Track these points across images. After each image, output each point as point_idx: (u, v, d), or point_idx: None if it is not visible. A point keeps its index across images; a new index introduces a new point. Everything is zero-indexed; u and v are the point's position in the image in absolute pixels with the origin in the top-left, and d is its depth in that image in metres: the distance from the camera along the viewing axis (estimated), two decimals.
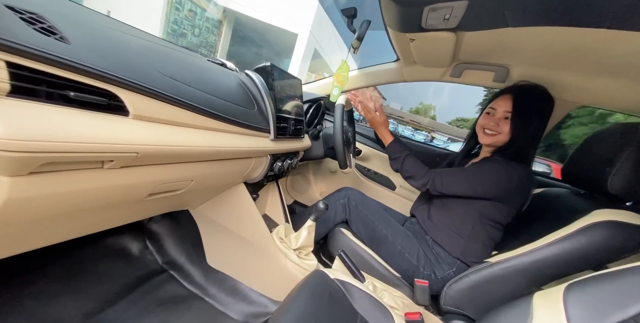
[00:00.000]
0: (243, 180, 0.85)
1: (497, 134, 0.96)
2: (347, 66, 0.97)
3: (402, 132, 32.29)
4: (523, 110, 0.91)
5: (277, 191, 1.12)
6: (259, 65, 0.84)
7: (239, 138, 0.69)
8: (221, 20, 10.29)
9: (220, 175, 0.70)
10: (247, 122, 0.70)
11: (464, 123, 58.59)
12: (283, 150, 0.89)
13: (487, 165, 0.91)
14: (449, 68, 1.26)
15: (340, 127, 1.04)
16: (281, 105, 0.89)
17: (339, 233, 1.05)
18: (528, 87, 0.95)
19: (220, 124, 0.62)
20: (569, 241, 0.71)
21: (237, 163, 0.72)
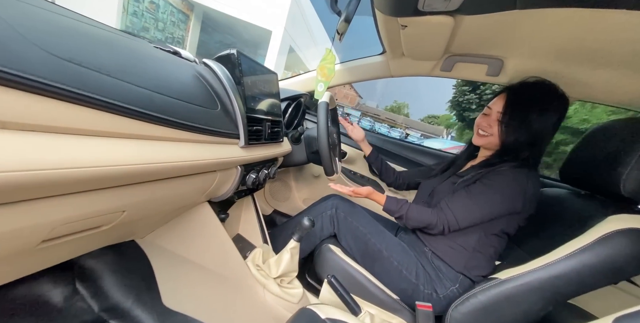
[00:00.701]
0: (207, 199, 0.67)
1: (489, 135, 0.87)
2: (333, 56, 0.82)
3: (378, 129, 33.07)
4: (514, 111, 0.81)
5: (252, 205, 0.95)
6: (222, 53, 0.66)
7: (195, 148, 0.51)
8: (188, 14, 9.68)
9: (170, 198, 0.52)
10: (206, 126, 0.53)
11: (435, 120, 61.33)
12: (257, 159, 0.73)
13: (495, 181, 0.79)
14: (440, 61, 1.16)
15: (325, 128, 0.89)
16: (253, 103, 0.72)
17: (327, 251, 0.91)
18: (527, 85, 0.84)
19: (165, 130, 0.44)
20: (589, 254, 0.63)
21: (194, 181, 0.55)
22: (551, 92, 0.81)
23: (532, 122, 0.79)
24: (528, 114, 0.79)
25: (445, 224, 0.80)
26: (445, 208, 0.81)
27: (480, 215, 0.78)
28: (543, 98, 0.80)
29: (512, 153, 0.83)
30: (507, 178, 0.78)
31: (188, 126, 0.48)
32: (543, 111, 0.79)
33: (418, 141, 11.86)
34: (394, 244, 0.93)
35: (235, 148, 0.64)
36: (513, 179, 0.77)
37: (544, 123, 0.79)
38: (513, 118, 0.81)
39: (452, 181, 0.91)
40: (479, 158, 0.97)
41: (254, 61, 0.76)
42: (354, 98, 58.26)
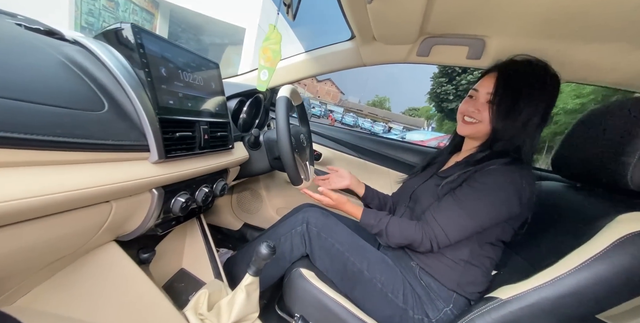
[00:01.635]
0: (111, 237, 0.48)
1: (477, 122, 0.74)
2: (279, 36, 0.64)
3: (362, 124, 33.41)
4: (507, 90, 0.69)
5: (198, 230, 0.76)
6: (109, 27, 0.46)
7: (64, 173, 0.33)
8: (153, 13, 9.08)
9: (28, 251, 0.34)
10: (79, 138, 0.34)
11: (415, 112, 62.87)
12: (186, 176, 0.54)
13: (486, 184, 0.66)
14: (416, 45, 1.01)
15: (286, 129, 0.72)
16: (174, 101, 0.53)
17: (297, 277, 0.75)
18: (519, 63, 0.72)
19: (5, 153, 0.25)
20: (604, 264, 0.50)
21: (71, 219, 0.36)
22: (543, 71, 0.70)
23: (525, 104, 0.68)
24: (521, 95, 0.68)
25: (433, 240, 0.66)
26: (432, 221, 0.67)
27: (473, 226, 0.65)
28: (536, 77, 0.69)
29: (502, 142, 0.71)
30: (499, 179, 0.65)
31: (31, 142, 0.29)
32: (536, 92, 0.68)
33: (401, 134, 11.95)
34: (377, 261, 0.78)
35: (143, 165, 0.45)
36: (505, 180, 0.65)
37: (537, 105, 0.68)
38: (505, 99, 0.69)
39: (435, 183, 0.77)
40: (464, 152, 0.84)
41: (175, 44, 0.57)
42: (336, 94, 58.31)
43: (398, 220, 0.72)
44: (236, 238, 1.32)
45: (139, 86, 0.46)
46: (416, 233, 0.67)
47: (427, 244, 0.66)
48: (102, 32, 0.47)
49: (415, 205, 0.80)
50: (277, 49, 0.67)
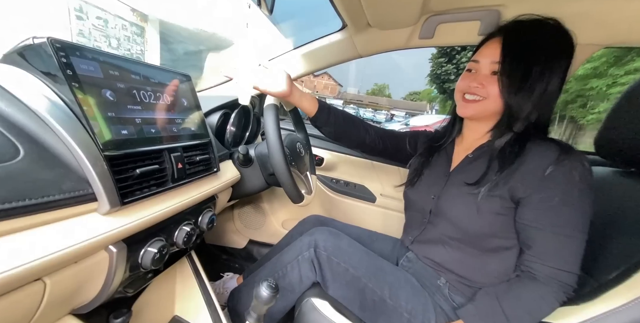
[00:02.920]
0: (64, 313, 0.38)
1: (481, 99, 0.61)
2: None
3: (363, 115, 33.04)
4: (517, 57, 0.56)
5: (189, 268, 0.66)
6: (18, 45, 0.35)
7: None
8: (143, 26, 9.03)
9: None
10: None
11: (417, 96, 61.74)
12: (154, 219, 0.44)
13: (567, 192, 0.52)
14: (417, 26, 0.87)
15: (277, 142, 0.61)
16: (128, 129, 0.42)
17: (310, 310, 0.65)
18: (527, 23, 0.59)
19: None
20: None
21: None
22: (555, 31, 0.57)
23: (540, 71, 0.55)
24: (534, 61, 0.55)
25: (566, 288, 0.51)
26: (545, 269, 0.52)
27: (583, 244, 0.52)
28: (548, 38, 0.57)
29: (520, 121, 0.58)
30: (574, 180, 0.52)
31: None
32: (551, 56, 0.56)
33: (404, 121, 11.62)
34: (400, 284, 0.67)
35: (90, 219, 0.35)
36: (580, 179, 0.52)
37: (553, 71, 0.56)
38: (516, 67, 0.56)
39: (464, 191, 0.62)
40: (471, 140, 0.70)
41: (121, 57, 0.45)
42: (335, 88, 57.69)
43: (513, 300, 0.54)
44: (242, 257, 1.23)
45: (70, 118, 0.35)
46: (548, 301, 0.51)
47: (563, 297, 0.51)
48: (12, 51, 0.36)
49: (441, 221, 0.67)
50: None
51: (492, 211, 0.58)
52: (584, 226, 0.52)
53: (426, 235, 0.72)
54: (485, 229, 0.60)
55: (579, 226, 0.51)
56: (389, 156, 0.88)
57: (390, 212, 1.15)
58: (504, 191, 0.56)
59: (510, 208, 0.57)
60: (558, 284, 0.51)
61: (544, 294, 0.51)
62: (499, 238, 0.60)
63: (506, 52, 0.56)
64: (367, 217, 1.17)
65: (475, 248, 0.62)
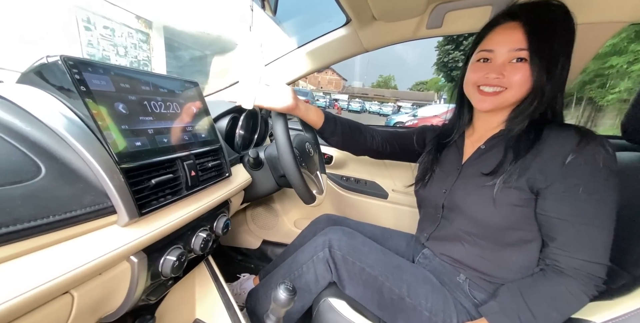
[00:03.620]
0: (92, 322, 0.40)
1: (502, 90, 0.57)
2: None
3: (369, 108, 32.61)
4: (542, 42, 0.53)
5: (206, 273, 0.67)
6: (34, 64, 0.36)
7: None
8: (147, 32, 9.17)
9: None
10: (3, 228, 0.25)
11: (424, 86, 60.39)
12: (172, 228, 0.44)
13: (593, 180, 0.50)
14: (425, 16, 0.84)
15: (287, 144, 0.61)
16: (141, 141, 0.43)
17: (328, 311, 0.65)
18: (541, 5, 0.56)
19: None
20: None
21: None
22: (564, 12, 0.55)
23: (561, 54, 0.54)
24: (557, 43, 0.54)
25: (595, 281, 0.48)
26: (573, 262, 0.50)
27: (611, 233, 0.49)
28: (561, 20, 0.55)
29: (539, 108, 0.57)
30: (598, 167, 0.49)
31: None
32: (565, 37, 0.55)
33: (412, 112, 11.38)
34: (418, 283, 0.66)
35: (111, 232, 0.36)
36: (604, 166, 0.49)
37: (569, 52, 0.55)
38: (544, 51, 0.53)
39: (478, 184, 0.60)
40: (483, 131, 0.67)
41: (133, 70, 0.46)
42: (339, 82, 57.19)
43: (535, 295, 0.52)
44: (257, 257, 1.24)
45: (86, 134, 0.36)
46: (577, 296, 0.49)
47: (594, 290, 0.49)
48: (28, 71, 0.37)
49: (455, 216, 0.65)
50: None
51: (509, 203, 0.56)
52: (611, 215, 0.49)
53: (441, 231, 0.70)
54: (503, 222, 0.57)
55: (606, 215, 0.49)
56: (397, 158, 0.87)
57: (403, 208, 1.13)
58: (522, 182, 0.54)
59: (529, 199, 0.55)
60: (587, 277, 0.48)
61: (572, 288, 0.49)
62: (518, 231, 0.57)
63: (531, 39, 0.53)
64: (380, 214, 1.16)
65: (494, 242, 0.60)
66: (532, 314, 0.51)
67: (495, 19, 0.59)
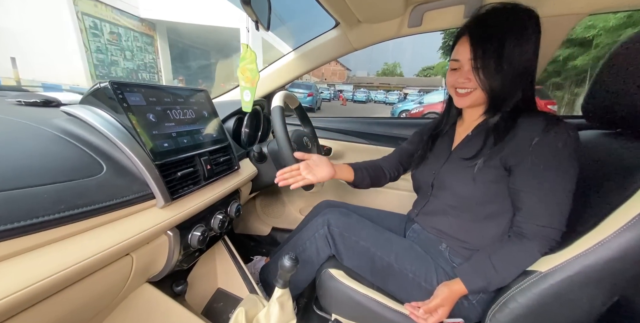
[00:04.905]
0: (142, 281, 0.53)
1: (472, 90, 0.67)
2: (253, 54, 0.62)
3: (375, 97, 31.97)
4: (485, 50, 0.62)
5: (225, 251, 0.80)
6: (92, 88, 0.48)
7: (82, 241, 0.36)
8: (152, 35, 9.36)
9: (74, 312, 0.39)
10: (75, 209, 0.37)
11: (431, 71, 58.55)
12: (197, 209, 0.57)
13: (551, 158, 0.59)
14: (405, 16, 0.92)
15: (284, 137, 0.72)
16: (168, 143, 0.55)
17: (328, 279, 0.77)
18: (487, 15, 0.64)
19: (21, 241, 0.30)
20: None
21: (98, 279, 0.41)
22: (515, 14, 0.62)
23: (511, 55, 0.61)
24: (502, 47, 0.61)
25: (550, 242, 0.58)
26: (533, 227, 0.60)
27: (569, 203, 0.58)
28: (511, 23, 0.62)
29: (508, 99, 0.65)
30: (556, 147, 0.58)
31: (33, 227, 0.32)
32: (517, 38, 0.61)
33: (418, 99, 11.17)
34: (404, 251, 0.77)
35: (152, 212, 0.48)
36: (564, 145, 0.58)
37: (523, 49, 0.61)
38: (487, 60, 0.62)
39: (462, 165, 0.70)
40: (470, 122, 0.76)
41: (157, 86, 0.58)
42: (343, 73, 56.31)
43: (502, 256, 0.62)
44: (268, 243, 1.38)
45: (130, 139, 0.48)
46: (532, 254, 0.59)
47: (547, 249, 0.59)
48: (87, 94, 0.49)
49: (442, 193, 0.75)
50: (254, 68, 0.65)
51: (486, 180, 0.66)
52: (568, 188, 0.58)
53: (429, 207, 0.80)
54: (481, 196, 0.67)
55: (563, 189, 0.57)
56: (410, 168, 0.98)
57: (397, 192, 1.23)
58: (497, 161, 0.64)
59: (503, 176, 0.64)
60: (543, 239, 0.58)
61: (529, 248, 0.59)
62: (493, 204, 0.67)
63: (475, 50, 0.62)
64: (375, 198, 1.26)
65: (474, 214, 0.70)
66: (495, 271, 0.61)
67: (459, 32, 0.68)
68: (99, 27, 7.23)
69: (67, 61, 6.57)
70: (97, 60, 7.30)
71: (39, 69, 5.91)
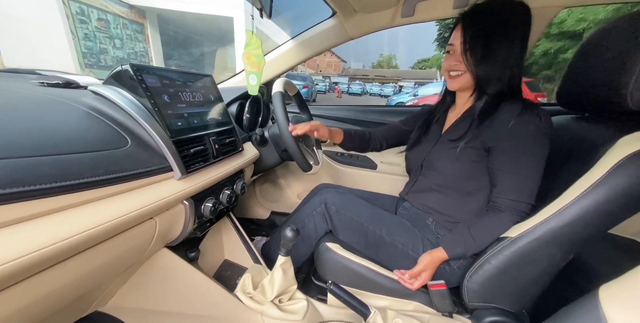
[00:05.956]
0: (161, 245, 0.59)
1: (462, 73, 0.74)
2: (259, 40, 0.67)
3: (370, 90, 31.82)
4: (474, 36, 0.69)
5: (230, 226, 0.87)
6: (114, 70, 0.53)
7: (111, 203, 0.42)
8: (142, 22, 9.07)
9: (99, 268, 0.45)
10: (115, 173, 0.43)
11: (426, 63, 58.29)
12: (208, 183, 0.63)
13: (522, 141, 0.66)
14: (398, 7, 0.97)
15: (285, 122, 0.78)
16: (181, 122, 0.60)
17: (325, 251, 0.84)
18: (481, 5, 0.70)
19: (57, 200, 0.35)
20: (602, 189, 0.52)
21: (125, 239, 0.47)
22: (505, 5, 0.68)
23: (498, 42, 0.67)
24: (491, 36, 0.68)
25: (520, 214, 0.67)
26: (505, 201, 0.68)
27: (538, 181, 0.66)
28: (500, 13, 0.68)
29: (492, 84, 0.71)
30: (528, 131, 0.65)
31: (81, 185, 0.38)
32: (504, 27, 0.68)
33: (412, 91, 11.24)
34: (394, 225, 0.85)
35: (171, 183, 0.54)
36: (535, 129, 0.65)
37: (510, 39, 0.68)
38: (475, 45, 0.69)
39: (448, 146, 0.78)
40: (460, 106, 0.84)
41: (169, 69, 0.63)
42: (339, 64, 55.64)
43: (480, 227, 0.70)
44: (267, 226, 1.45)
45: (150, 117, 0.53)
46: (505, 224, 0.68)
47: (518, 219, 0.67)
48: (109, 76, 0.54)
49: (430, 172, 0.83)
50: (259, 54, 0.70)
51: (468, 159, 0.73)
52: (538, 167, 0.65)
53: (419, 186, 0.88)
54: (463, 174, 0.75)
55: (534, 168, 0.65)
56: (399, 145, 1.06)
57: (389, 176, 1.31)
58: (478, 143, 0.71)
59: (483, 156, 0.72)
60: (514, 211, 0.66)
61: (503, 219, 0.67)
62: (474, 182, 0.75)
63: (465, 35, 0.69)
64: (370, 182, 1.34)
65: (457, 191, 0.78)
66: (473, 239, 0.70)
67: (457, 19, 0.74)
68: (86, 13, 6.97)
69: (54, 48, 6.36)
70: (86, 48, 7.07)
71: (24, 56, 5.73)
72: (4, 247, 0.30)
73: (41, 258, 0.33)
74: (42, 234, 0.33)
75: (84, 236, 0.37)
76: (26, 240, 0.31)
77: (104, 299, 0.58)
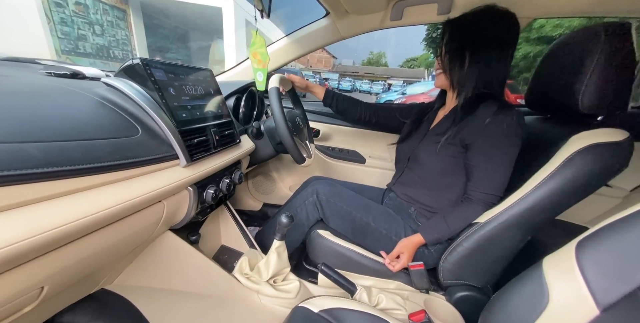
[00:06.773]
0: (166, 228, 0.64)
1: (440, 73, 0.83)
2: (262, 39, 0.72)
3: (360, 87, 32.08)
4: (453, 40, 0.77)
5: (227, 214, 0.92)
6: (125, 64, 0.56)
7: (124, 187, 0.46)
8: (124, 9, 8.66)
9: (111, 246, 0.49)
10: (128, 159, 0.47)
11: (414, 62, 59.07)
12: (210, 172, 0.68)
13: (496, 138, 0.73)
14: (388, 10, 1.04)
15: (281, 116, 0.83)
16: (186, 114, 0.64)
17: (316, 237, 0.91)
18: (467, 14, 0.77)
19: (75, 182, 0.39)
20: (555, 180, 0.63)
21: (135, 220, 0.51)
22: (488, 14, 0.74)
23: (472, 50, 0.74)
24: (465, 45, 0.75)
25: (489, 205, 0.75)
26: (478, 194, 0.76)
27: (508, 174, 0.74)
28: (481, 26, 0.74)
29: (466, 87, 0.78)
30: (501, 129, 0.72)
31: (102, 168, 0.42)
32: (482, 39, 0.73)
33: (401, 90, 11.50)
34: (380, 213, 0.93)
35: (177, 169, 0.58)
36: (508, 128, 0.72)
37: (488, 50, 0.74)
38: (450, 50, 0.77)
39: (433, 141, 0.86)
40: (448, 105, 0.93)
41: (173, 64, 0.66)
42: (329, 60, 55.41)
43: (454, 215, 0.79)
44: (259, 217, 1.50)
45: (158, 108, 0.57)
46: (476, 212, 0.76)
47: (487, 209, 0.75)
48: (121, 69, 0.57)
49: (415, 165, 0.91)
50: (264, 52, 0.74)
51: (447, 154, 0.82)
52: (508, 163, 0.74)
53: (404, 178, 0.96)
54: (442, 168, 0.84)
55: (504, 164, 0.74)
56: (383, 127, 1.14)
57: (377, 170, 1.39)
58: (457, 140, 0.79)
59: (460, 152, 0.81)
60: (485, 202, 0.76)
61: (475, 209, 0.77)
62: (452, 175, 0.84)
63: (445, 41, 0.77)
64: (359, 175, 1.42)
65: (437, 184, 0.87)
66: (447, 226, 0.78)
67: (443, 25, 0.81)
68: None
69: (28, 33, 5.99)
70: (62, 33, 6.69)
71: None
72: (44, 218, 0.34)
73: (66, 233, 0.37)
74: (74, 209, 0.37)
75: (104, 214, 0.41)
76: (63, 213, 0.35)
77: (111, 278, 0.62)
